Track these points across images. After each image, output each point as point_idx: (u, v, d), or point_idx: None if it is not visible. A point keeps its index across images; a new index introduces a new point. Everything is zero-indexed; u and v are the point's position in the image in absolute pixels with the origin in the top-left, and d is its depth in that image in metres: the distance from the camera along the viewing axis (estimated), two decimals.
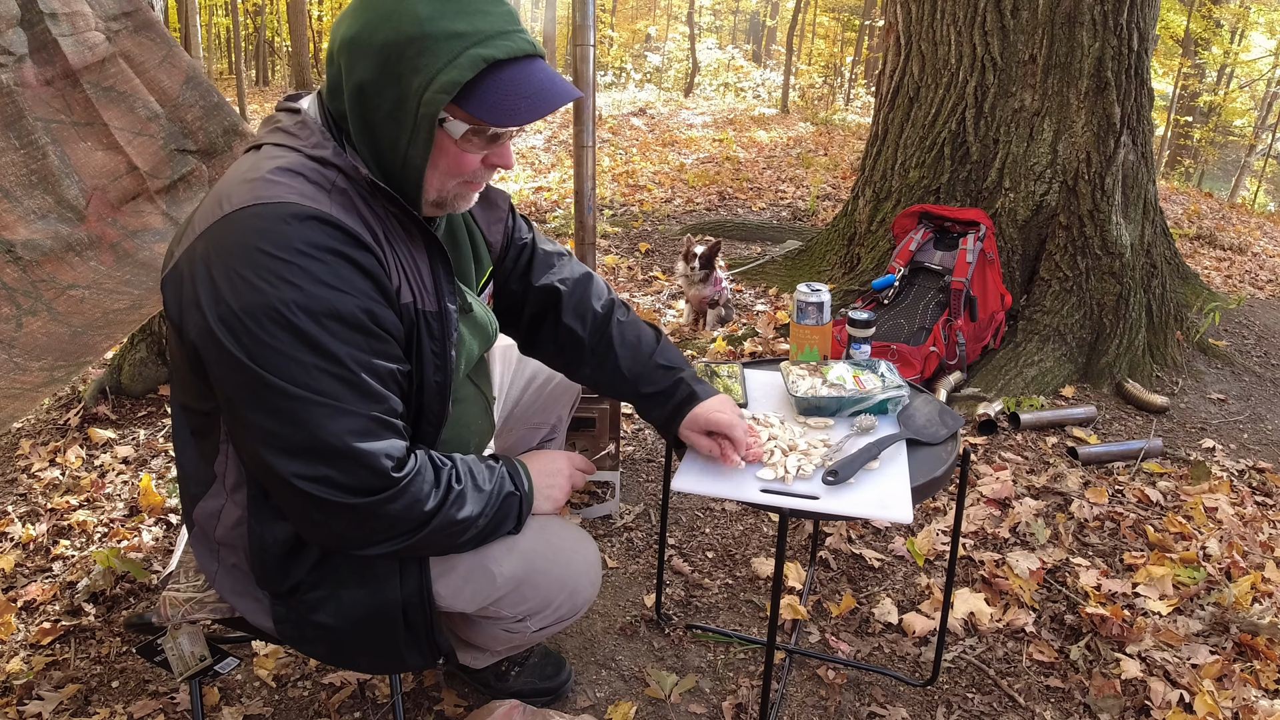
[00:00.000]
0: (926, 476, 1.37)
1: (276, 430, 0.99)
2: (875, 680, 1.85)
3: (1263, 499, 2.68)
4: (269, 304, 0.95)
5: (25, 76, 1.70)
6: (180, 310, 1.03)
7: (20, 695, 1.78)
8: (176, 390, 1.20)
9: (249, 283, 0.96)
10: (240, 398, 1.00)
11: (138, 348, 3.17)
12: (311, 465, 0.99)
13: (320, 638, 1.24)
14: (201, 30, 12.34)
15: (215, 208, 1.03)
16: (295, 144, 1.06)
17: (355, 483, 1.01)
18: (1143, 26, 3.44)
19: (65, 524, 2.42)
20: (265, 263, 0.96)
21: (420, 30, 0.98)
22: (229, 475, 1.16)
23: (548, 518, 1.46)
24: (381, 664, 1.31)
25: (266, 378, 0.97)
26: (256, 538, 1.15)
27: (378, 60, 1.00)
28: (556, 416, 1.83)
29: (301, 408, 0.98)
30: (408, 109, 1.01)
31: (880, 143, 4.05)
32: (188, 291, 1.01)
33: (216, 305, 0.97)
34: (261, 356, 0.96)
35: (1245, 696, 1.80)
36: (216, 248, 0.99)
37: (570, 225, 5.62)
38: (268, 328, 0.96)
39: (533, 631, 1.42)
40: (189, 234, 1.05)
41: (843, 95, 17.55)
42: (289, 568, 1.17)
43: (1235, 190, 14.67)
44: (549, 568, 1.37)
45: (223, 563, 1.26)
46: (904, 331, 3.22)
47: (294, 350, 0.97)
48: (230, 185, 1.04)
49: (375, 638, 1.24)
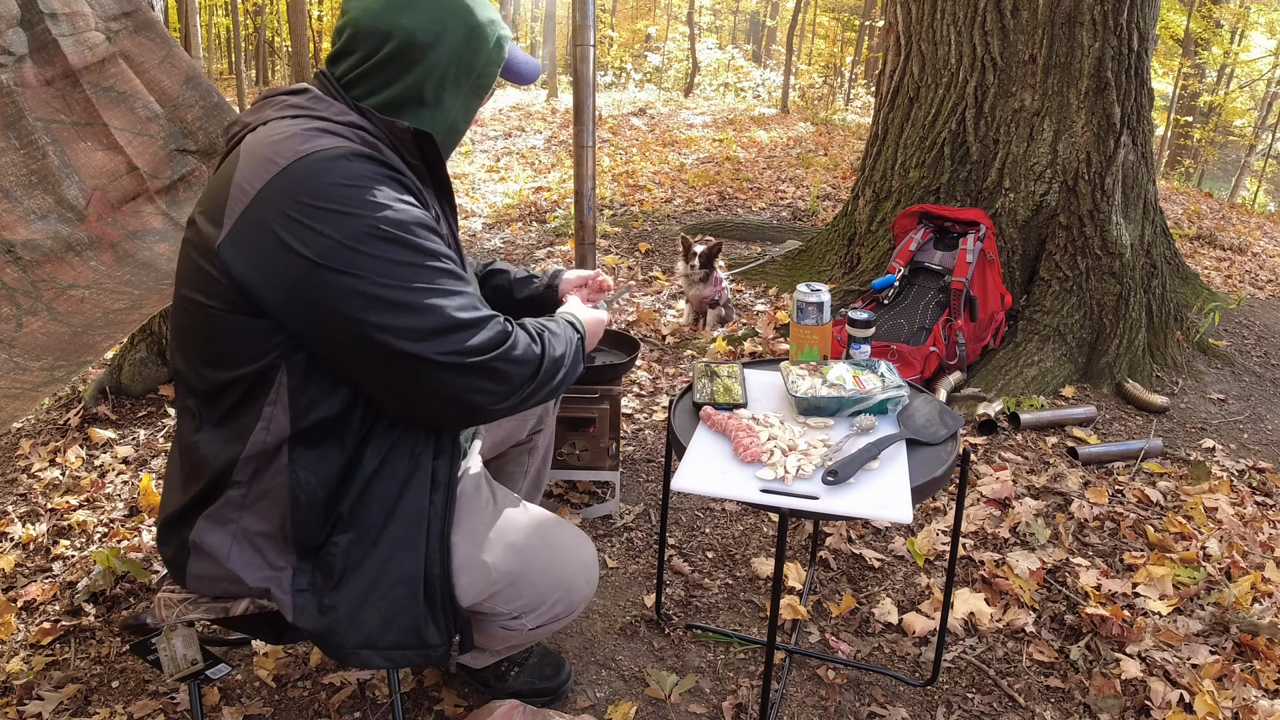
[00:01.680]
0: (926, 476, 1.37)
1: (411, 325, 1.10)
2: (875, 680, 1.85)
3: (1263, 499, 2.68)
4: (367, 225, 1.08)
5: (25, 76, 1.70)
6: (263, 266, 1.08)
7: (20, 695, 1.78)
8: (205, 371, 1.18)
9: (340, 213, 1.07)
10: (364, 315, 1.09)
11: (138, 348, 3.17)
12: (449, 340, 1.13)
13: (338, 606, 1.22)
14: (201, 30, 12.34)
15: (264, 167, 1.09)
16: (317, 112, 1.18)
17: (485, 341, 1.16)
18: (1143, 26, 3.44)
19: (65, 524, 2.42)
20: (347, 194, 1.08)
21: (474, 20, 1.25)
22: (270, 436, 1.17)
23: (545, 517, 1.47)
24: (395, 637, 1.25)
25: (387, 285, 1.09)
26: (299, 486, 1.18)
27: (449, 48, 1.23)
28: (543, 407, 1.87)
29: (424, 298, 1.11)
30: (472, 79, 1.28)
31: (880, 143, 4.05)
32: (268, 246, 1.08)
33: (315, 242, 1.06)
34: (377, 270, 1.08)
35: (1245, 696, 1.80)
36: (289, 197, 1.07)
37: (570, 225, 5.62)
38: (374, 245, 1.08)
39: (529, 629, 1.42)
40: (237, 199, 1.09)
41: (843, 95, 17.55)
42: (330, 509, 1.21)
43: (1235, 190, 14.67)
44: (545, 565, 1.39)
45: (241, 535, 1.22)
46: (904, 331, 3.22)
47: (402, 256, 1.10)
48: (269, 147, 1.12)
49: (394, 601, 1.23)
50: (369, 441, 1.21)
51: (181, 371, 1.24)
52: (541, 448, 1.95)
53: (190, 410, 1.23)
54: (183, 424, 1.25)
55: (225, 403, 1.18)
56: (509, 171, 8.11)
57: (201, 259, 1.13)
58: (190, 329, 1.18)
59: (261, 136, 1.15)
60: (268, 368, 1.14)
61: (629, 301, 4.27)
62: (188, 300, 1.17)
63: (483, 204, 6.69)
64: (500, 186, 7.39)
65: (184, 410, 1.25)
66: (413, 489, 1.25)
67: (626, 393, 3.19)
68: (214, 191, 1.15)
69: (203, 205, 1.17)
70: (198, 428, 1.22)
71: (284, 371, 1.14)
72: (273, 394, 1.15)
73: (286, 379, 1.15)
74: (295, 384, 1.15)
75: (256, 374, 1.15)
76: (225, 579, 1.25)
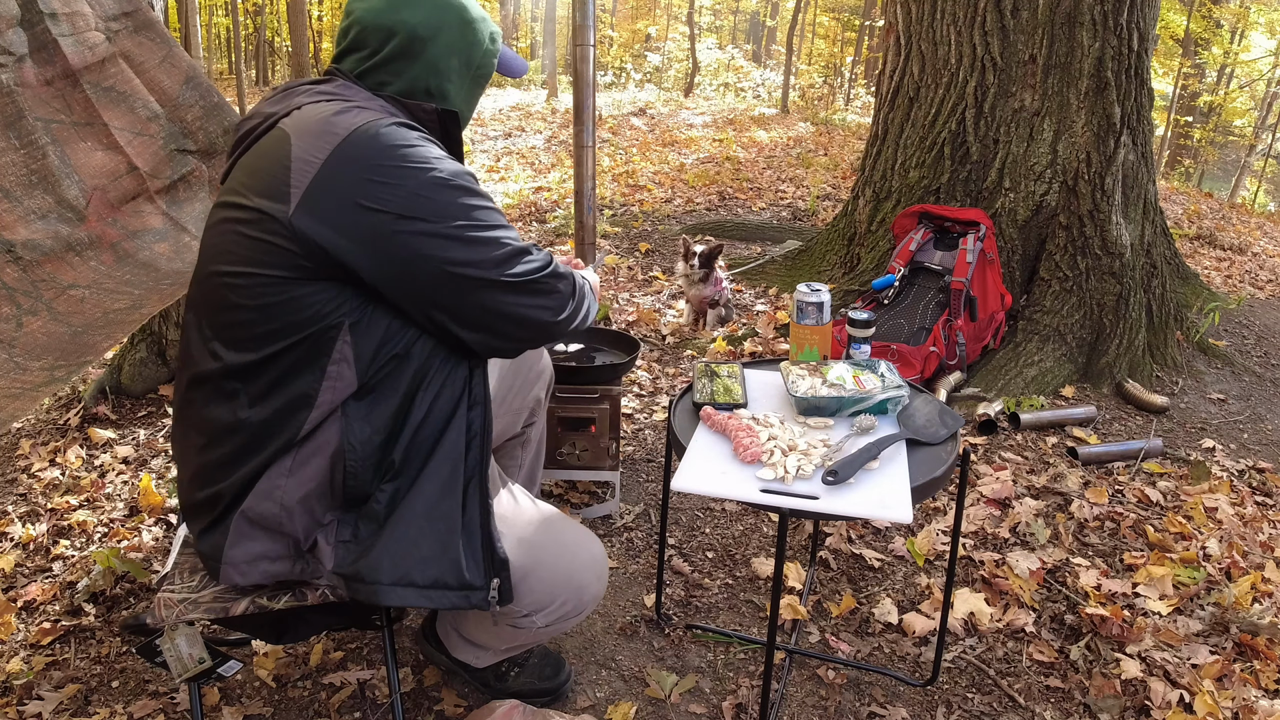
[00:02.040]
0: (926, 476, 1.37)
1: (483, 256, 1.23)
2: (875, 680, 1.85)
3: (1263, 499, 2.68)
4: (432, 177, 1.20)
5: (25, 76, 1.70)
6: (345, 229, 1.17)
7: (20, 695, 1.78)
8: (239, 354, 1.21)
9: (408, 169, 1.18)
10: (443, 254, 1.20)
11: (138, 348, 3.17)
12: (513, 264, 1.26)
13: (376, 546, 1.24)
14: (201, 30, 12.33)
15: (324, 139, 1.18)
16: (348, 96, 1.28)
17: (539, 263, 1.30)
18: (1143, 26, 3.44)
19: (65, 524, 2.42)
20: (408, 153, 1.19)
21: (468, 16, 1.37)
22: (337, 394, 1.23)
23: (554, 513, 1.48)
24: (434, 573, 1.26)
25: (459, 225, 1.21)
26: (354, 437, 1.24)
27: (448, 41, 1.35)
28: (535, 400, 1.91)
29: (489, 232, 1.24)
30: (472, 70, 1.41)
31: (880, 143, 4.05)
32: (346, 209, 1.16)
33: (392, 198, 1.17)
34: (448, 214, 1.21)
35: (1245, 696, 1.80)
36: (357, 161, 1.17)
37: (570, 225, 5.62)
38: (441, 192, 1.20)
39: (539, 628, 1.43)
40: (302, 171, 1.17)
41: (843, 95, 17.54)
42: (382, 457, 1.27)
43: (1235, 190, 14.67)
44: (555, 562, 1.40)
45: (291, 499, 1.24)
46: (904, 331, 3.22)
47: (465, 199, 1.22)
48: (322, 123, 1.21)
49: (433, 538, 1.27)
50: (419, 390, 1.28)
51: (208, 359, 1.24)
52: (534, 441, 1.97)
53: (225, 392, 1.24)
54: (218, 409, 1.25)
55: (271, 374, 1.22)
56: (509, 171, 8.10)
57: (265, 234, 1.17)
58: (236, 306, 1.21)
59: (308, 115, 1.23)
60: (327, 328, 1.20)
61: (629, 301, 4.27)
62: (238, 275, 1.20)
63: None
64: (500, 186, 7.39)
65: (216, 395, 1.25)
66: (451, 434, 1.31)
67: (626, 393, 3.19)
68: (265, 170, 1.20)
69: (253, 185, 1.20)
70: (242, 405, 1.23)
71: (346, 330, 1.21)
72: (335, 353, 1.22)
73: (350, 336, 1.22)
74: (358, 339, 1.22)
75: (313, 337, 1.20)
76: (265, 556, 1.26)
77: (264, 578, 1.28)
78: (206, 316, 1.26)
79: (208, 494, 1.27)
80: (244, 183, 1.22)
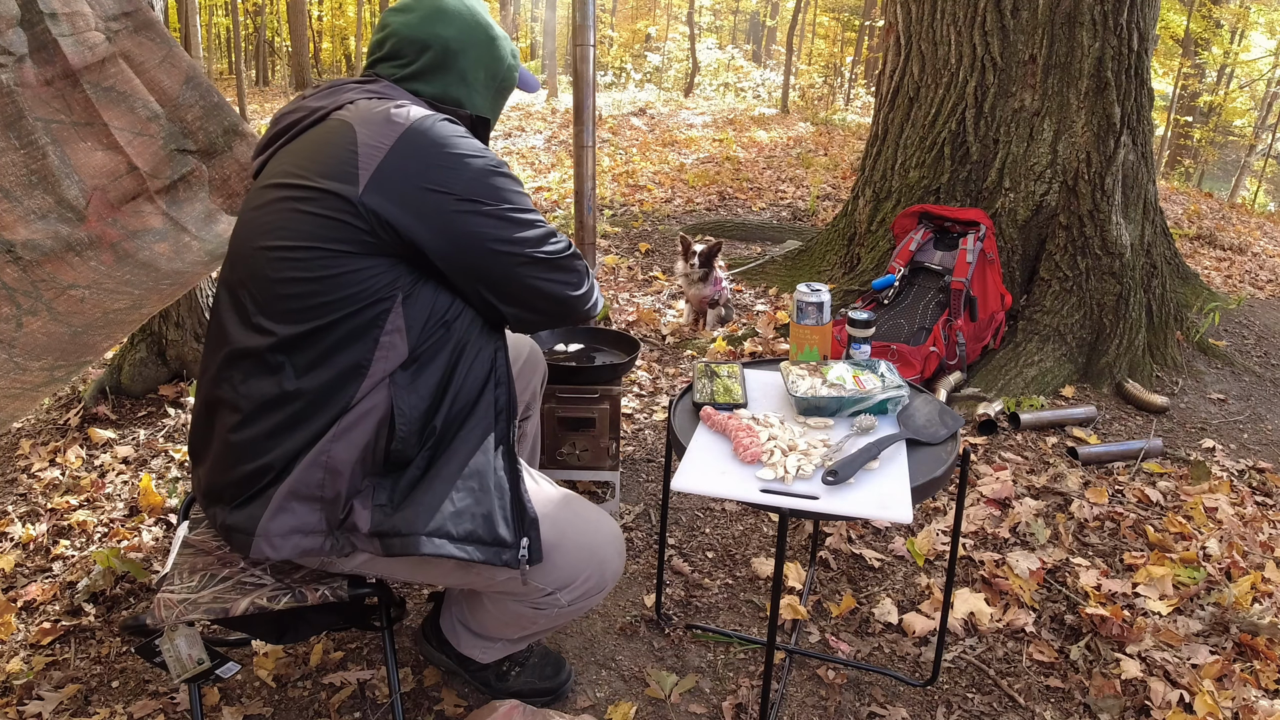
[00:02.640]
0: (926, 476, 1.37)
1: (526, 235, 1.35)
2: (875, 680, 1.85)
3: (1263, 499, 2.68)
4: (485, 165, 1.33)
5: (25, 76, 1.70)
6: (413, 207, 1.27)
7: (20, 695, 1.78)
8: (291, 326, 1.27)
9: (464, 158, 1.31)
10: (496, 232, 1.32)
11: (138, 348, 3.17)
12: (548, 244, 1.39)
13: (422, 507, 1.30)
14: (201, 30, 12.32)
15: (389, 128, 1.29)
16: (394, 95, 1.40)
17: (564, 243, 1.43)
18: (1143, 26, 3.44)
19: (65, 524, 2.42)
20: (463, 144, 1.32)
21: (493, 34, 1.50)
22: (390, 363, 1.30)
23: (568, 492, 1.53)
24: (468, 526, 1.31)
25: (509, 208, 1.34)
26: (402, 401, 1.32)
27: (476, 54, 1.48)
28: (530, 393, 1.97)
29: (527, 215, 1.37)
30: (497, 82, 1.54)
31: (880, 143, 4.05)
32: (413, 189, 1.27)
33: (455, 182, 1.29)
34: (500, 198, 1.33)
35: (1245, 696, 1.80)
36: (420, 149, 1.29)
37: (570, 225, 5.62)
38: (494, 179, 1.33)
39: (562, 606, 1.45)
40: (369, 155, 1.26)
41: (843, 95, 17.54)
42: (425, 425, 1.35)
43: (1235, 190, 14.66)
44: (578, 537, 1.44)
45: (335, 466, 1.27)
46: (904, 331, 3.22)
47: (511, 185, 1.36)
48: (384, 115, 1.31)
49: (466, 492, 1.33)
50: (459, 360, 1.37)
51: (261, 327, 1.28)
52: (530, 435, 2.02)
53: (270, 365, 1.27)
54: (260, 384, 1.28)
55: (323, 345, 1.27)
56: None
57: (330, 211, 1.25)
58: (289, 279, 1.27)
59: (366, 108, 1.34)
60: (380, 299, 1.28)
61: (629, 301, 4.27)
62: (295, 249, 1.26)
63: None
64: None
65: (259, 369, 1.28)
66: (482, 405, 1.39)
67: (626, 393, 3.19)
68: (329, 155, 1.28)
69: (315, 168, 1.28)
70: (288, 377, 1.27)
71: (399, 303, 1.30)
72: (389, 324, 1.30)
73: (403, 308, 1.30)
74: (410, 311, 1.31)
75: (366, 309, 1.28)
76: (299, 530, 1.28)
77: (295, 552, 1.29)
78: (253, 291, 1.30)
79: (252, 468, 1.28)
80: (303, 165, 1.31)
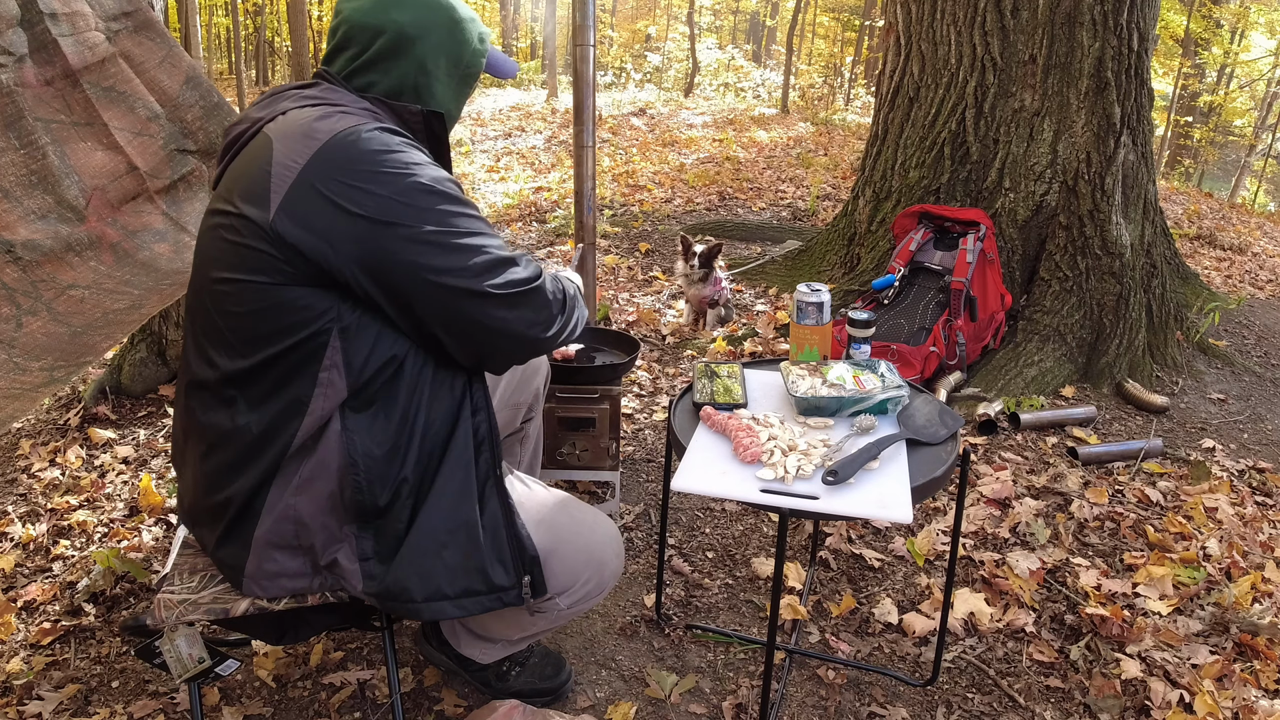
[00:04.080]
0: (926, 476, 1.37)
1: (464, 263, 1.21)
2: (875, 680, 1.85)
3: (1263, 499, 2.68)
4: (411, 181, 1.19)
5: (25, 76, 1.70)
6: (324, 233, 1.16)
7: (20, 695, 1.78)
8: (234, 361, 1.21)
9: (387, 174, 1.17)
10: (423, 260, 1.19)
11: (138, 348, 3.17)
12: (497, 274, 1.24)
13: (403, 564, 1.26)
14: (201, 30, 12.32)
15: (304, 144, 1.18)
16: (333, 100, 1.28)
17: (527, 274, 1.28)
18: (1143, 26, 3.44)
19: (65, 524, 2.42)
20: (389, 158, 1.19)
21: (456, 16, 1.37)
22: (330, 401, 1.22)
23: (564, 495, 1.52)
24: (463, 583, 1.28)
25: (438, 231, 1.20)
26: (356, 448, 1.24)
27: (436, 40, 1.35)
28: (533, 394, 1.93)
29: (470, 240, 1.23)
30: (460, 69, 1.40)
31: (880, 143, 4.05)
32: (325, 213, 1.16)
33: (370, 201, 1.16)
34: (427, 219, 1.19)
35: (1245, 696, 1.80)
36: (336, 166, 1.17)
37: (570, 225, 5.62)
38: (420, 197, 1.19)
39: (562, 609, 1.45)
40: (282, 176, 1.16)
41: (843, 95, 17.54)
42: (388, 470, 1.26)
43: (1235, 190, 14.66)
44: (575, 540, 1.43)
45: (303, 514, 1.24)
46: (904, 331, 3.22)
47: (446, 205, 1.21)
48: (304, 127, 1.20)
49: (455, 548, 1.28)
50: (419, 398, 1.28)
51: (204, 366, 1.25)
52: (533, 436, 2.00)
53: (224, 399, 1.24)
54: (216, 416, 1.25)
55: (267, 380, 1.22)
56: (509, 171, 8.11)
57: (248, 239, 1.17)
58: (227, 312, 1.21)
59: (291, 120, 1.23)
60: (317, 333, 1.20)
61: (629, 301, 4.27)
62: (226, 282, 1.20)
63: (483, 204, 6.69)
64: (500, 186, 7.39)
65: (215, 402, 1.25)
66: (459, 438, 1.31)
67: (626, 393, 3.19)
68: (249, 176, 1.20)
69: (238, 191, 1.20)
70: (240, 411, 1.23)
71: (335, 336, 1.21)
72: (326, 359, 1.21)
73: (340, 342, 1.21)
74: (349, 345, 1.22)
75: (304, 343, 1.20)
76: (285, 574, 1.27)
77: (285, 593, 1.30)
78: (201, 323, 1.26)
79: (218, 500, 1.27)
80: (230, 188, 1.23)
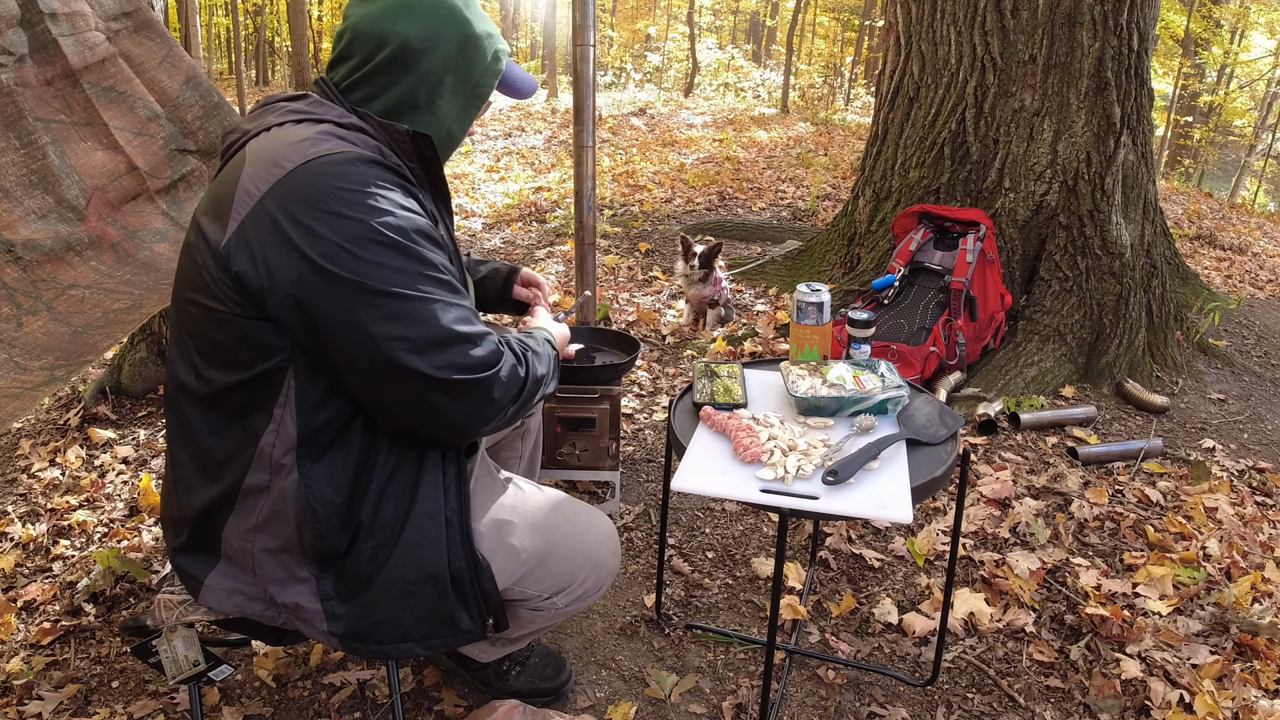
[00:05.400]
0: (926, 476, 1.37)
1: (405, 333, 1.10)
2: (875, 680, 1.85)
3: (1263, 499, 2.68)
4: (368, 230, 1.09)
5: (25, 76, 1.70)
6: (267, 268, 1.09)
7: (20, 695, 1.78)
8: (210, 374, 1.18)
9: (342, 216, 1.08)
10: (361, 319, 1.09)
11: (138, 348, 3.17)
12: (442, 354, 1.12)
13: (371, 609, 1.24)
14: (201, 30, 12.34)
15: (270, 170, 1.11)
16: (319, 115, 1.21)
17: (476, 360, 1.16)
18: (1143, 26, 3.44)
19: (65, 524, 2.42)
20: (350, 198, 1.09)
21: (470, 31, 1.28)
22: (280, 441, 1.17)
23: (558, 495, 1.51)
24: (430, 629, 1.28)
25: (385, 291, 1.09)
26: (315, 495, 1.19)
27: (444, 55, 1.26)
28: None
29: (420, 307, 1.11)
30: (469, 88, 1.31)
31: (880, 143, 4.05)
32: (272, 247, 1.09)
33: (317, 244, 1.07)
34: (376, 276, 1.09)
35: (1245, 696, 1.80)
36: (294, 199, 1.09)
37: (570, 225, 5.62)
38: (374, 250, 1.09)
39: (559, 609, 1.45)
40: (242, 201, 1.11)
41: (843, 95, 17.54)
42: (348, 517, 1.21)
43: (1235, 190, 14.66)
44: (570, 541, 1.42)
45: (261, 551, 1.22)
46: (904, 331, 3.22)
47: (400, 263, 1.10)
48: (276, 150, 1.14)
49: (423, 599, 1.26)
50: (379, 445, 1.23)
51: (181, 376, 1.23)
52: (534, 431, 2.00)
53: (191, 418, 1.22)
54: (189, 431, 1.24)
55: (229, 405, 1.19)
56: (509, 171, 8.10)
57: (207, 261, 1.13)
58: (194, 333, 1.18)
59: (267, 141, 1.17)
60: (275, 369, 1.15)
61: (629, 301, 4.27)
62: (191, 303, 1.17)
63: (483, 204, 6.69)
64: (500, 186, 7.39)
65: (186, 418, 1.24)
66: (426, 488, 1.27)
67: (626, 393, 3.19)
68: (218, 195, 1.16)
69: (207, 209, 1.17)
70: (206, 432, 1.21)
71: (291, 374, 1.15)
72: (282, 396, 1.16)
73: (294, 381, 1.16)
74: (302, 387, 1.16)
75: (264, 376, 1.15)
76: (240, 592, 1.27)
77: (238, 611, 1.28)
78: (179, 337, 1.24)
79: (183, 510, 1.27)
80: (204, 204, 1.19)
